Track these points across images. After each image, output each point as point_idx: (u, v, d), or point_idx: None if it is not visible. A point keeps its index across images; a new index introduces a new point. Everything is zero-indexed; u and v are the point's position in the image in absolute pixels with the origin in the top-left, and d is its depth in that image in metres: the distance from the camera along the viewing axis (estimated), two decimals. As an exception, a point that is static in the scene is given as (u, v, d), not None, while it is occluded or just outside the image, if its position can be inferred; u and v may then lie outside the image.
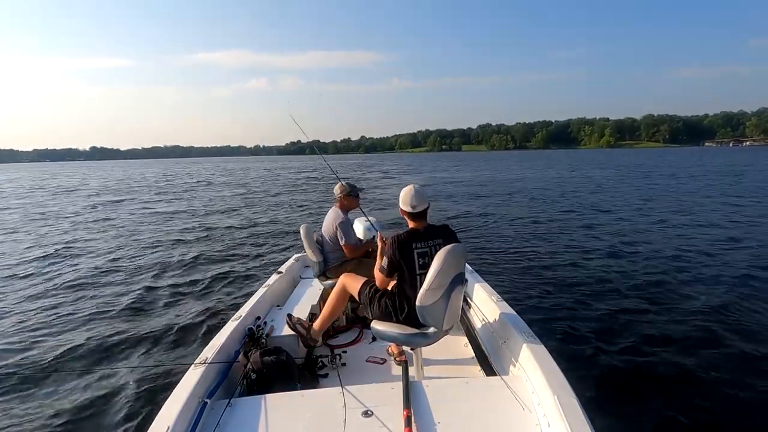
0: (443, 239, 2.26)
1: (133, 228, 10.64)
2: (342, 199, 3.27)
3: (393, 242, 2.18)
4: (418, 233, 2.24)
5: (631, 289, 4.94)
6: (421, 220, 2.27)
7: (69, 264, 7.08)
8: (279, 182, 27.27)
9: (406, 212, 2.28)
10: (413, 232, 2.24)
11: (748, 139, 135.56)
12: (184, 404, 1.74)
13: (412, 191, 2.26)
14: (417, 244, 2.20)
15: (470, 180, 24.78)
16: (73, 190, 25.53)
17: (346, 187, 3.27)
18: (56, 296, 5.41)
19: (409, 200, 2.25)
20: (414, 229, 2.26)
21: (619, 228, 8.80)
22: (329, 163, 3.89)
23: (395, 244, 2.17)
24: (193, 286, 5.62)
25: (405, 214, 2.30)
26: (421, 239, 2.21)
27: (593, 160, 54.17)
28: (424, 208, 2.26)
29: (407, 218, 2.30)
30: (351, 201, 3.29)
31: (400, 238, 2.19)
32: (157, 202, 16.88)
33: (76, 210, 15.15)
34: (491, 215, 11.00)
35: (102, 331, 4.24)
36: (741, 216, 10.01)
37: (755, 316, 4.12)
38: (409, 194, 2.26)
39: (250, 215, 12.05)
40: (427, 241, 2.22)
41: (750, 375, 3.07)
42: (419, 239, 2.21)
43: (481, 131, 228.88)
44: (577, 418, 1.55)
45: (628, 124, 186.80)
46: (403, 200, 2.28)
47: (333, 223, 3.21)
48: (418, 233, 2.24)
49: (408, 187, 2.31)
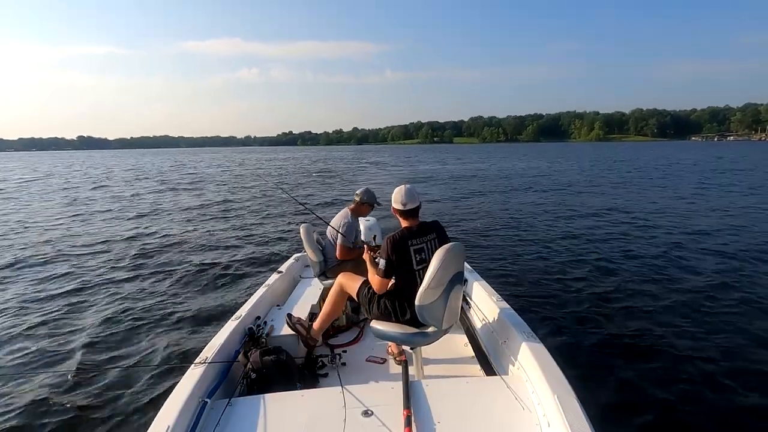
0: (437, 234, 2.31)
1: (128, 226, 10.47)
2: (358, 203, 3.34)
3: (388, 243, 2.18)
4: (412, 231, 2.26)
5: (632, 287, 4.89)
6: (413, 217, 2.31)
7: (64, 262, 6.96)
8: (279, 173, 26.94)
9: (399, 210, 2.31)
10: (407, 230, 2.26)
11: (732, 134, 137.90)
12: (184, 404, 1.74)
13: (404, 190, 2.29)
14: (412, 241, 2.21)
15: (467, 174, 24.58)
16: (82, 182, 24.89)
17: (364, 196, 3.35)
18: (56, 296, 5.33)
19: (400, 198, 2.28)
20: (407, 227, 2.28)
21: (619, 227, 8.63)
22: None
23: (391, 245, 2.17)
24: (192, 285, 5.57)
25: (397, 212, 2.33)
26: (415, 236, 2.24)
27: (584, 153, 54.56)
28: (416, 206, 2.30)
29: (400, 217, 2.33)
30: (365, 208, 3.36)
31: (395, 238, 2.20)
32: (155, 197, 16.51)
33: (68, 202, 14.83)
34: (491, 214, 10.85)
35: (101, 330, 4.20)
36: (739, 210, 10.17)
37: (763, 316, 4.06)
38: (400, 193, 2.29)
39: (250, 215, 11.89)
40: (421, 237, 2.25)
41: (751, 376, 3.05)
42: (414, 236, 2.23)
43: (472, 123, 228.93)
44: (577, 418, 1.56)
45: (617, 118, 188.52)
46: (395, 199, 2.31)
47: (338, 222, 3.27)
48: (412, 231, 2.26)
49: (400, 186, 2.34)
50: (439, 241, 2.30)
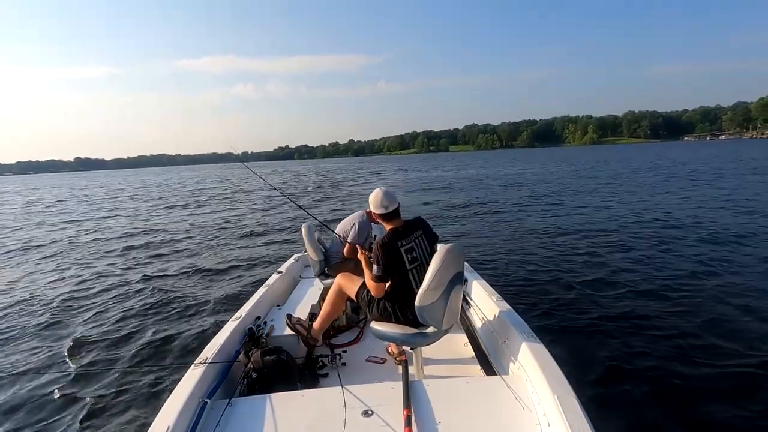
0: (423, 230, 2.33)
1: (130, 229, 10.51)
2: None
3: (378, 248, 2.19)
4: (399, 232, 2.27)
5: (633, 287, 4.86)
6: (396, 218, 2.32)
7: (70, 265, 6.98)
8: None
9: (381, 215, 2.31)
10: (394, 232, 2.27)
11: (724, 132, 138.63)
12: (184, 404, 1.74)
13: (381, 194, 2.30)
14: (401, 242, 2.23)
15: (464, 177, 24.79)
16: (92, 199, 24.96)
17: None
18: (56, 297, 5.37)
19: (379, 202, 2.28)
20: (393, 229, 2.29)
21: (619, 227, 8.56)
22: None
23: (381, 249, 2.18)
24: (193, 286, 5.59)
25: (380, 216, 2.33)
26: (403, 236, 2.25)
27: (580, 156, 54.77)
28: (396, 207, 2.31)
29: (383, 221, 2.33)
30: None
31: (385, 242, 2.21)
32: (158, 208, 16.59)
33: (71, 218, 14.86)
34: (490, 214, 10.91)
35: (102, 330, 4.22)
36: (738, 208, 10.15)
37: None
38: (378, 197, 2.30)
39: (249, 215, 11.92)
40: (408, 236, 2.26)
41: (753, 378, 2.99)
42: (401, 237, 2.25)
43: (467, 131, 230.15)
44: (577, 418, 1.56)
45: (610, 121, 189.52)
46: (375, 205, 2.31)
47: (352, 220, 3.27)
48: (399, 232, 2.27)
49: (375, 191, 2.34)
50: (426, 237, 2.33)
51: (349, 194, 19.78)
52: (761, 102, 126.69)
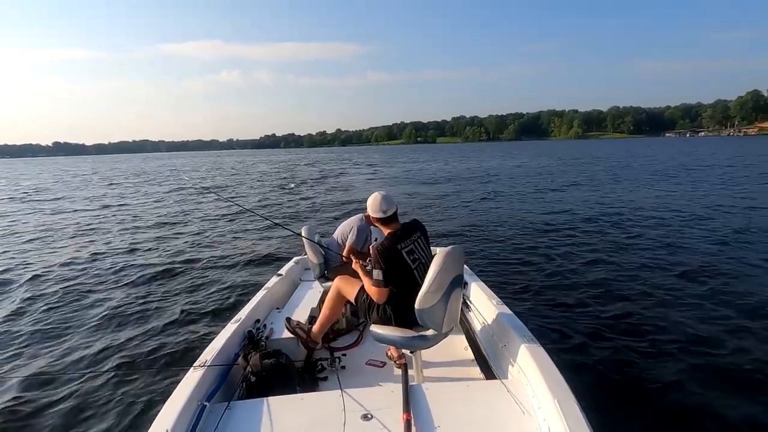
0: (420, 232, 2.34)
1: (128, 228, 10.24)
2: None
3: (379, 253, 2.16)
4: (398, 235, 2.26)
5: (633, 290, 4.78)
6: (395, 222, 2.31)
7: (64, 266, 6.78)
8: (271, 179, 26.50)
9: (380, 218, 2.29)
10: (393, 236, 2.26)
11: (703, 129, 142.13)
12: (182, 407, 1.73)
13: (379, 197, 2.29)
14: (401, 244, 2.21)
15: (458, 173, 24.36)
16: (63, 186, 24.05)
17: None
18: (56, 299, 5.24)
19: (378, 206, 2.27)
20: (392, 232, 2.28)
21: (619, 226, 8.45)
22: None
23: (382, 254, 2.16)
24: (192, 288, 5.51)
25: (377, 221, 2.31)
26: (402, 239, 2.24)
27: (568, 150, 55.12)
28: (395, 211, 2.30)
29: (380, 225, 2.32)
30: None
31: (385, 246, 2.18)
32: (152, 202, 16.11)
33: (50, 210, 14.36)
34: (490, 214, 10.69)
35: (101, 334, 4.15)
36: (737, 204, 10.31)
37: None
38: (377, 201, 2.28)
39: (248, 216, 11.73)
40: (408, 239, 2.26)
41: (754, 379, 3.00)
42: (401, 240, 2.24)
43: (455, 123, 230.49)
44: (577, 422, 1.56)
45: (595, 115, 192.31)
46: (374, 209, 2.29)
47: (351, 224, 3.28)
48: (398, 235, 2.26)
49: (373, 195, 2.32)
50: (424, 238, 2.33)
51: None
52: (740, 100, 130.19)
